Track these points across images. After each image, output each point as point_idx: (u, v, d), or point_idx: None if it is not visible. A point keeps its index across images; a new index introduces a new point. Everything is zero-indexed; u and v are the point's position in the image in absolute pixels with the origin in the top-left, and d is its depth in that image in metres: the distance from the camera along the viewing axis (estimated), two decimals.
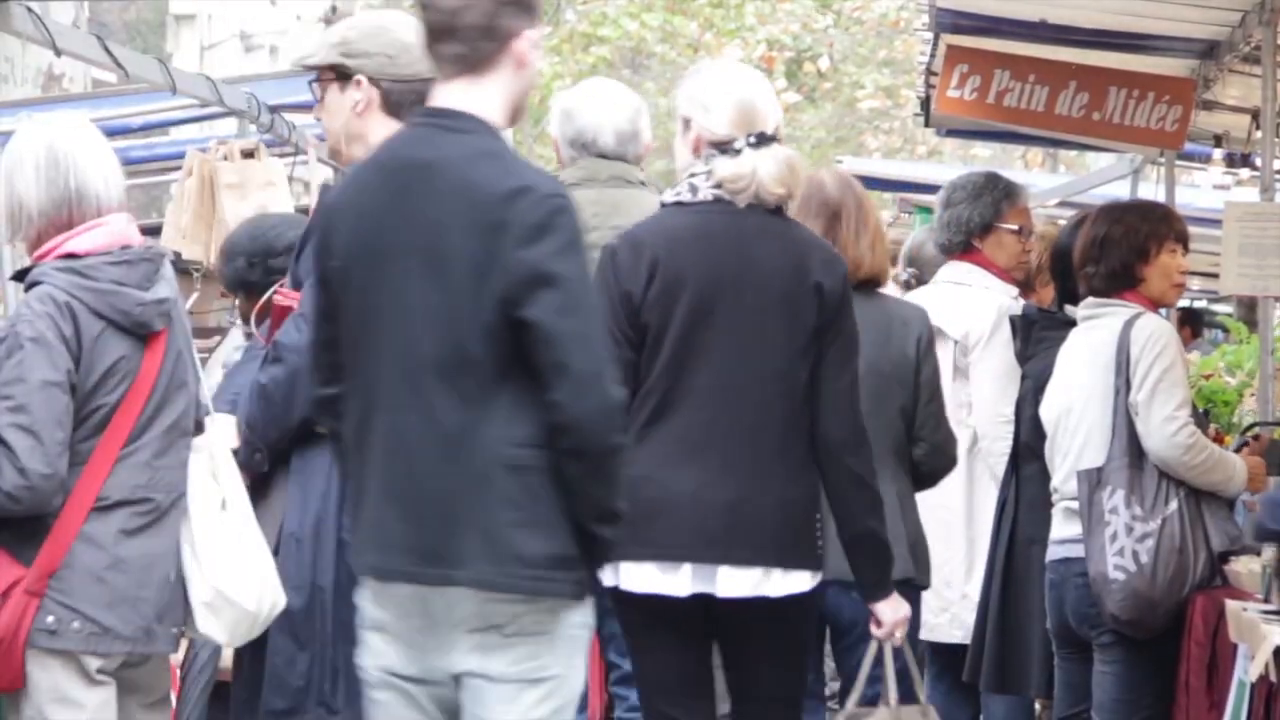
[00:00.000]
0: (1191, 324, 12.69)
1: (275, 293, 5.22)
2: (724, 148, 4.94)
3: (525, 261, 3.97)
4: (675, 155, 5.12)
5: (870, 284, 5.68)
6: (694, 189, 5.00)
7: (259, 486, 4.99)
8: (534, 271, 3.97)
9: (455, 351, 4.00)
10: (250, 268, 6.02)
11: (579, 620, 4.08)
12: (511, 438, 3.99)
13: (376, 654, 4.13)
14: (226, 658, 5.54)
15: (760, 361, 4.88)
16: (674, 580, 4.85)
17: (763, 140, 4.95)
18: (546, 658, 4.04)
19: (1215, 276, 8.54)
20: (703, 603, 4.88)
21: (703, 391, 4.84)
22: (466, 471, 4.00)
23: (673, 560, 4.83)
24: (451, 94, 4.12)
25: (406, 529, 4.04)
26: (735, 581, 4.84)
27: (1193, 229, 6.55)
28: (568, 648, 4.07)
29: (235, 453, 4.90)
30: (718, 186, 4.96)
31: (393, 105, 5.18)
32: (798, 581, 4.88)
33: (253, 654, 5.06)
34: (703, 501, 4.83)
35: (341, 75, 5.16)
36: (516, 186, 4.03)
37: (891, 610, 5.01)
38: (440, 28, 4.11)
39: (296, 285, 5.16)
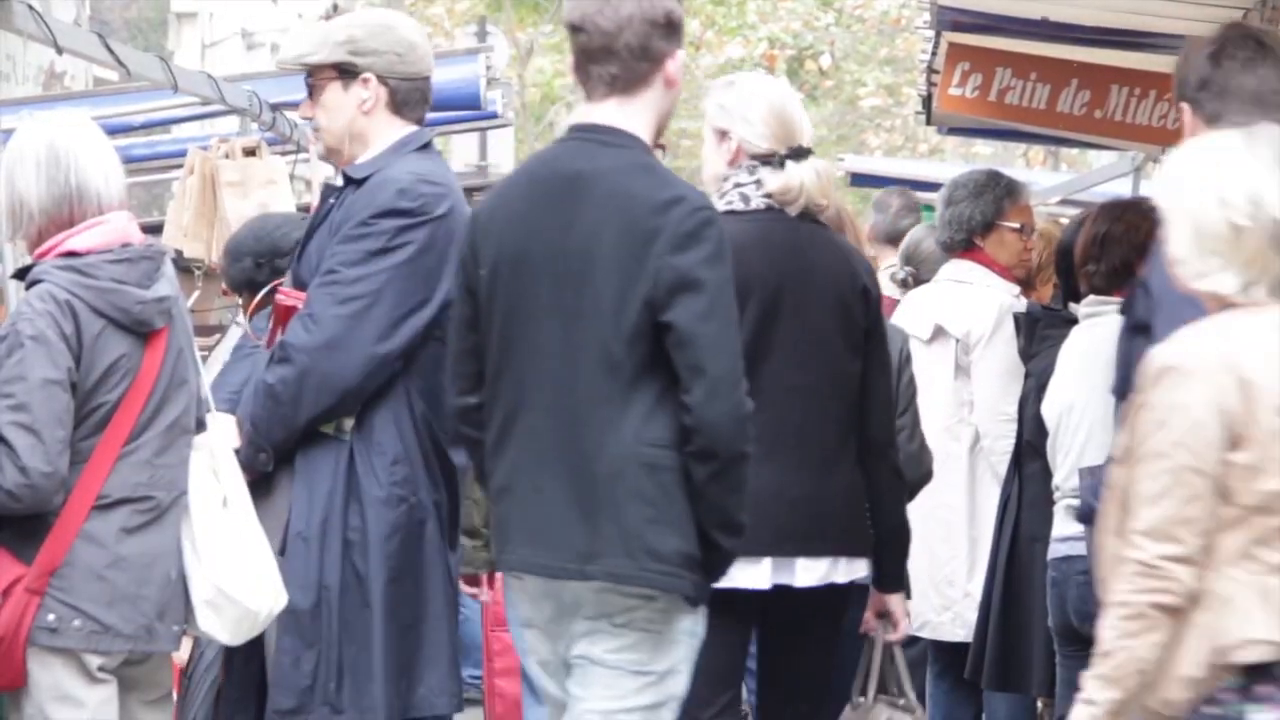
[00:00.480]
0: None
1: (278, 292, 5.22)
2: (766, 160, 5.12)
3: (675, 267, 4.23)
4: (706, 163, 5.26)
5: None
6: (746, 199, 5.17)
7: (262, 486, 4.99)
8: (682, 277, 4.22)
9: (600, 353, 4.23)
10: (258, 268, 6.03)
11: (688, 626, 4.32)
12: (648, 437, 4.22)
13: (533, 650, 4.42)
14: None
15: (823, 363, 5.10)
16: (756, 573, 5.00)
17: (799, 153, 5.13)
18: (652, 653, 4.26)
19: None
20: (768, 594, 5.06)
21: (773, 392, 4.95)
22: (606, 470, 4.22)
23: (755, 555, 4.94)
24: (604, 111, 4.40)
25: (549, 526, 4.28)
26: (811, 572, 5.07)
27: None
28: (674, 649, 4.29)
29: (237, 452, 4.90)
30: (768, 196, 5.14)
31: (399, 104, 5.18)
32: (859, 568, 5.16)
33: (245, 653, 5.06)
34: (783, 498, 5.01)
35: (345, 73, 5.14)
36: (671, 197, 4.33)
37: (901, 604, 5.29)
38: (598, 49, 4.37)
39: (298, 285, 5.16)
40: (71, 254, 4.65)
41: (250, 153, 8.49)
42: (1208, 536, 3.68)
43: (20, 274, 4.77)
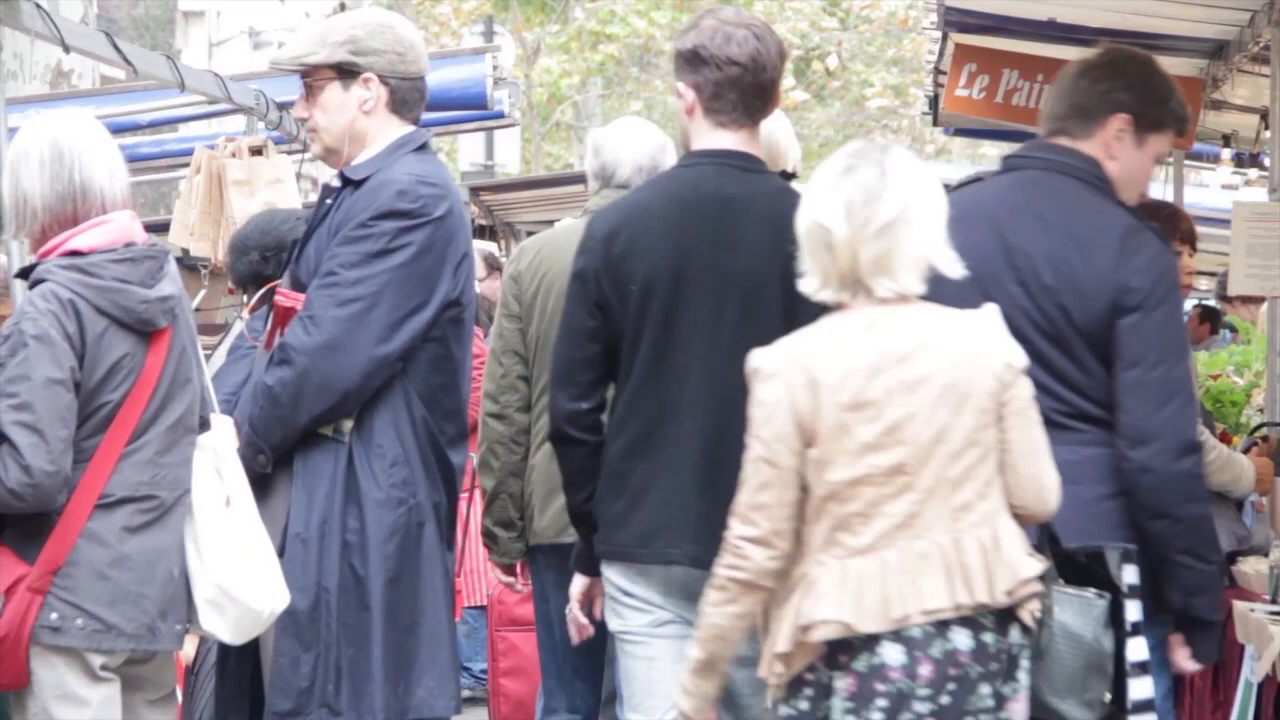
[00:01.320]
0: (1210, 320, 12.66)
1: (276, 293, 5.21)
2: None
3: None
4: None
5: None
6: None
7: (261, 487, 4.98)
8: None
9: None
10: (264, 261, 6.03)
11: None
12: None
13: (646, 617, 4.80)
14: None
15: None
16: None
17: (786, 177, 5.29)
18: None
19: (1221, 275, 8.51)
20: None
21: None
22: None
23: None
24: (739, 139, 4.84)
25: (700, 521, 4.65)
26: None
27: (1201, 229, 6.55)
28: None
29: (236, 453, 4.89)
30: None
31: (398, 103, 5.17)
32: None
33: (239, 653, 5.05)
34: None
35: (346, 73, 5.13)
36: None
37: None
38: (757, 85, 4.83)
39: (296, 286, 5.15)
40: (75, 253, 4.65)
41: (257, 151, 8.50)
42: (793, 522, 4.17)
43: (24, 273, 4.76)
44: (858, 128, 30.53)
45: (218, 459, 4.79)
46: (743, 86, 4.80)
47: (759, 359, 4.21)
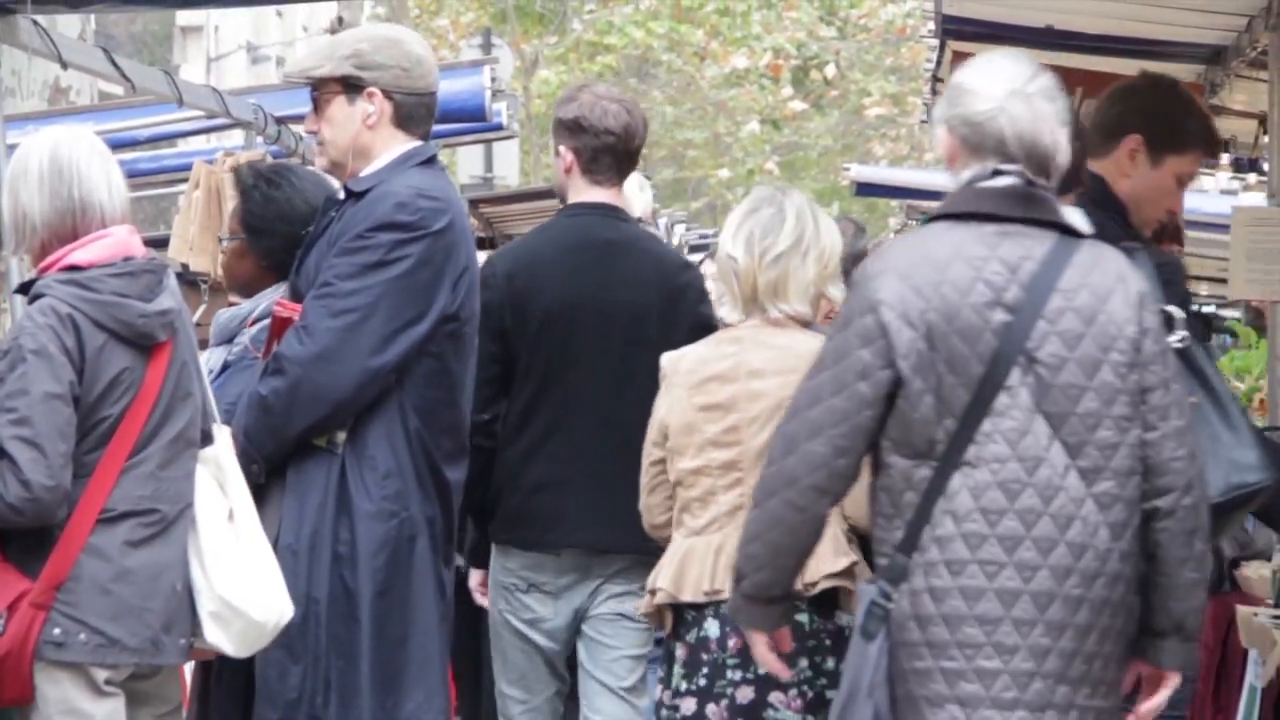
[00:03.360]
0: (1204, 327, 12.67)
1: (275, 304, 5.20)
2: None
3: (699, 314, 5.66)
4: None
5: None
6: None
7: (254, 498, 4.97)
8: (704, 323, 5.50)
9: (631, 378, 5.56)
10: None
11: None
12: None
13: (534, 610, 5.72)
14: None
15: None
16: None
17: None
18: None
19: (1223, 281, 8.54)
20: None
21: None
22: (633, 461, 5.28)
23: None
24: (610, 195, 5.78)
25: (588, 514, 5.61)
26: None
27: (1200, 234, 6.56)
28: None
29: None
30: None
31: (403, 118, 5.16)
32: None
33: (233, 663, 5.02)
34: None
35: (351, 87, 5.13)
36: (684, 261, 6.04)
37: None
38: (629, 152, 5.77)
39: (296, 297, 5.14)
40: (74, 268, 4.65)
41: None
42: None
43: (23, 288, 4.76)
44: (856, 136, 30.55)
45: (220, 472, 4.79)
46: (616, 152, 5.75)
47: (663, 360, 5.12)
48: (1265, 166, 9.82)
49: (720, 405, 4.95)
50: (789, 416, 4.07)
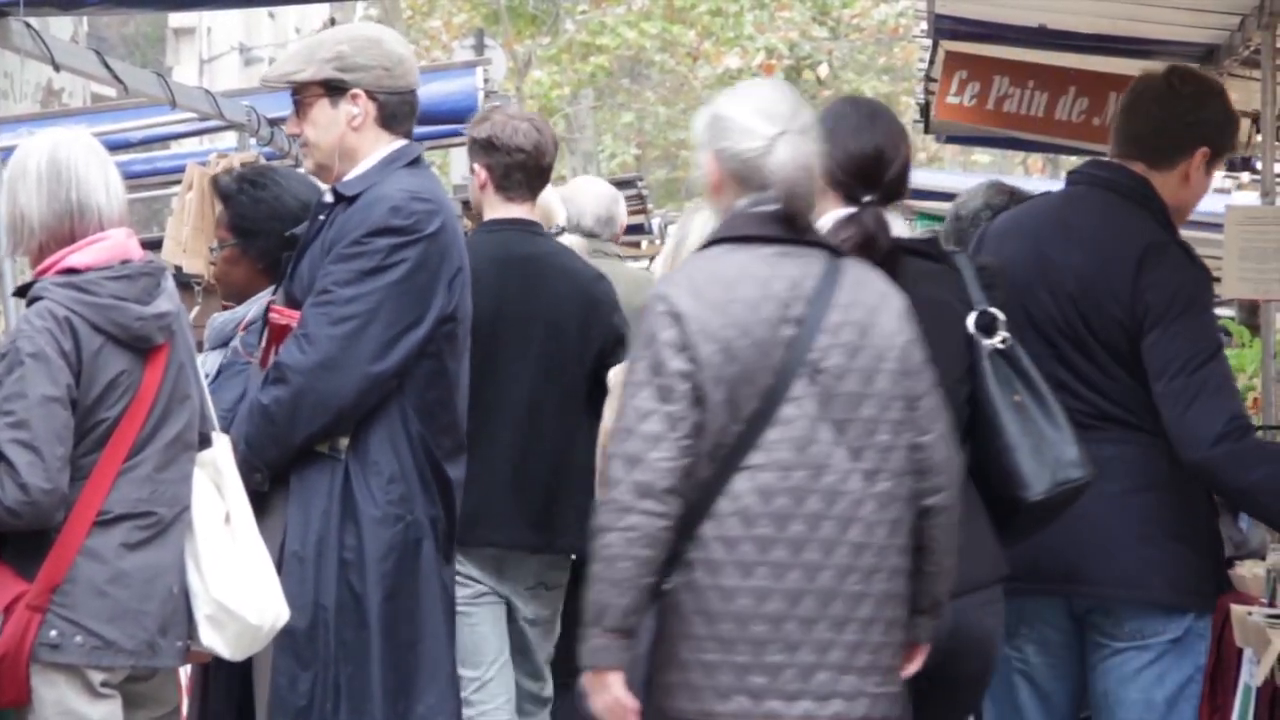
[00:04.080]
0: None
1: (271, 310, 5.20)
2: None
3: (616, 326, 6.11)
4: None
5: None
6: None
7: (257, 505, 4.97)
8: (619, 333, 6.01)
9: (552, 385, 6.01)
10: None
11: None
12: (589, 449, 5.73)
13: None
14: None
15: None
16: None
17: (559, 232, 6.59)
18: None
19: (1216, 280, 8.53)
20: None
21: None
22: (568, 467, 5.90)
23: None
24: (523, 210, 6.11)
25: (511, 511, 5.98)
26: None
27: (1193, 233, 6.56)
28: None
29: None
30: None
31: (387, 118, 5.16)
32: None
33: (229, 667, 5.02)
34: None
35: (333, 90, 5.13)
36: (598, 274, 6.26)
37: None
38: (540, 168, 6.11)
39: (291, 303, 5.14)
40: (71, 270, 4.65)
41: None
42: None
43: (21, 291, 4.76)
44: None
45: (218, 475, 4.79)
46: (527, 169, 6.06)
47: (610, 375, 5.57)
48: (1258, 165, 9.82)
49: None
50: (623, 437, 4.12)
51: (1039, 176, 23.03)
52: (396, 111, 5.17)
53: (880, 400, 4.21)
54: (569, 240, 6.84)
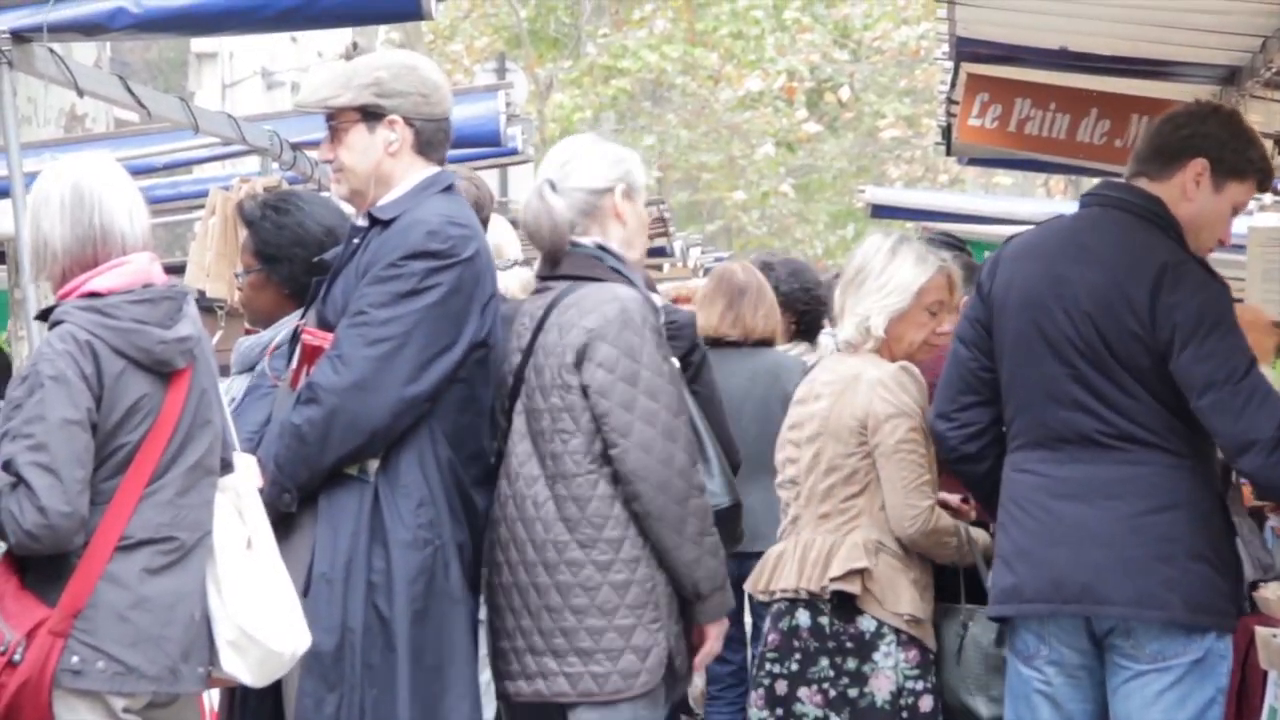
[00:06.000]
0: None
1: (303, 333, 5.20)
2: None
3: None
4: None
5: (764, 343, 7.68)
6: None
7: (285, 527, 4.96)
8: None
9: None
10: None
11: None
12: None
13: None
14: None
15: None
16: None
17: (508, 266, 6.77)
18: None
19: (1239, 301, 8.51)
20: None
21: None
22: None
23: None
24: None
25: None
26: None
27: (1216, 254, 6.54)
28: None
29: (260, 492, 4.89)
30: None
31: (423, 144, 5.16)
32: None
33: (259, 692, 5.01)
34: None
35: (370, 115, 5.13)
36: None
37: None
38: (478, 205, 6.09)
39: (323, 326, 5.14)
40: (93, 294, 4.65)
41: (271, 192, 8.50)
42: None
43: (43, 315, 4.77)
44: (871, 159, 30.55)
45: (239, 500, 4.79)
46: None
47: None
48: None
49: (795, 425, 5.63)
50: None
51: (1061, 198, 23.01)
52: (432, 139, 5.17)
53: (553, 412, 5.03)
54: (520, 274, 6.76)
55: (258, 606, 4.71)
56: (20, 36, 6.42)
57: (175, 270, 8.93)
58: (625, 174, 5.22)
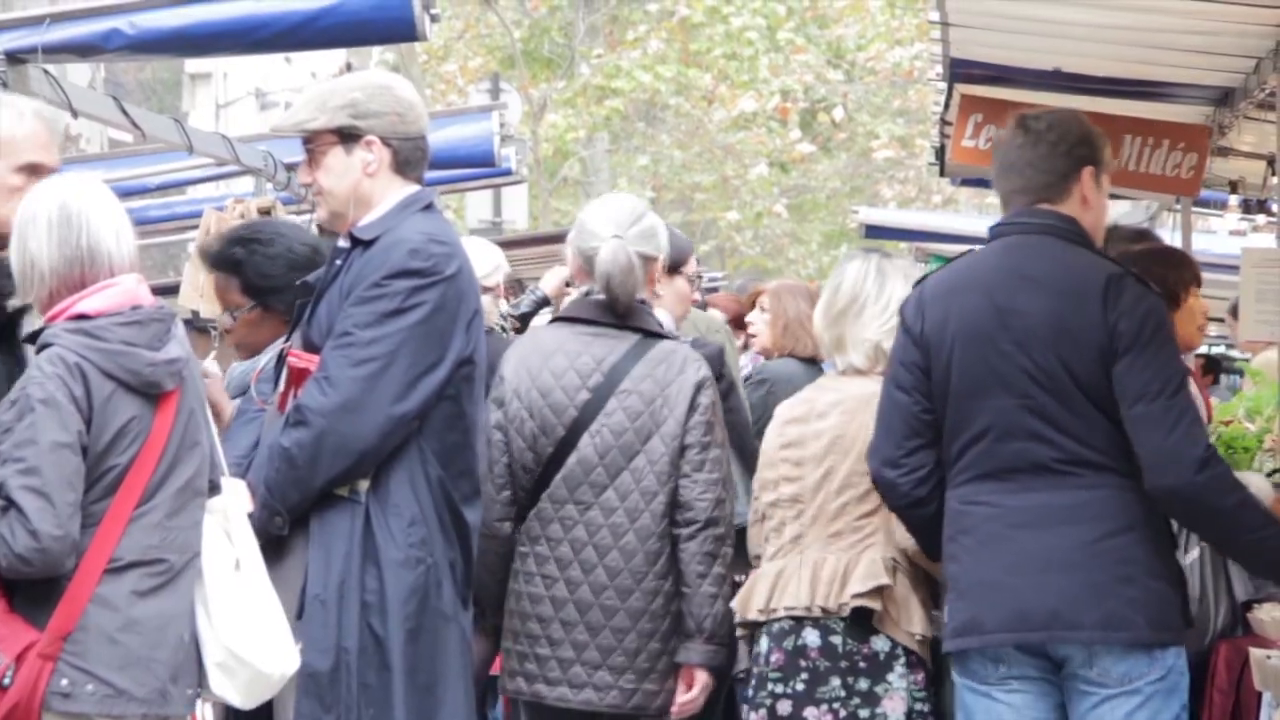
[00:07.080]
0: (1213, 370, 12.70)
1: (289, 355, 5.19)
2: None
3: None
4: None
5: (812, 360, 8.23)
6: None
7: (277, 549, 4.96)
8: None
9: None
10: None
11: None
12: None
13: None
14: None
15: None
16: None
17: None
18: None
19: (1219, 320, 8.51)
20: None
21: None
22: None
23: None
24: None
25: None
26: None
27: (1210, 275, 6.58)
28: None
29: (251, 516, 4.88)
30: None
31: (401, 164, 5.17)
32: None
33: (253, 712, 5.01)
34: None
35: (347, 137, 5.13)
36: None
37: None
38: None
39: (308, 348, 5.13)
40: (81, 316, 4.64)
41: (265, 213, 8.51)
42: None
43: (31, 338, 4.76)
44: (864, 179, 30.57)
45: (227, 522, 4.78)
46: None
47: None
48: (1274, 208, 9.82)
49: (792, 444, 5.58)
50: None
51: None
52: (410, 157, 5.18)
53: (651, 454, 5.54)
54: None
55: (246, 628, 4.70)
56: (15, 57, 6.43)
57: (167, 291, 8.93)
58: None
